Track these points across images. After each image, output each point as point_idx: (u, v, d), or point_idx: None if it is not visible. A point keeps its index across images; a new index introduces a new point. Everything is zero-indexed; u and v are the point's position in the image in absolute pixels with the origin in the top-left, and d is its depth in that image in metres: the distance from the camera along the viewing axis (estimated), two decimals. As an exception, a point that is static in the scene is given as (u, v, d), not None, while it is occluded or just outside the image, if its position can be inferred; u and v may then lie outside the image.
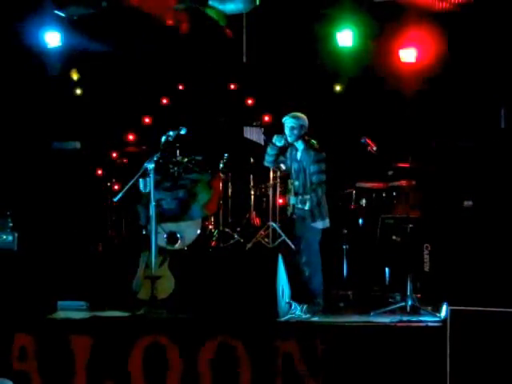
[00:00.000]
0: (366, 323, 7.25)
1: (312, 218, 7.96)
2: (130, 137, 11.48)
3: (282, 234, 9.54)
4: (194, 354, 6.91)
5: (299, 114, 8.06)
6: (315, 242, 7.99)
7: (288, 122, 8.03)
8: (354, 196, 8.95)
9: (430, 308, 7.69)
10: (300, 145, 8.05)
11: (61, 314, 7.73)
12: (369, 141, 8.53)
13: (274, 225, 9.72)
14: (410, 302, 7.72)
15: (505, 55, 9.64)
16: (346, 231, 8.92)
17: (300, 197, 7.98)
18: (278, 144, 8.08)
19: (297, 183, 8.07)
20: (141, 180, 7.89)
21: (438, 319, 7.25)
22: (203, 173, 9.53)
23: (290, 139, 8.02)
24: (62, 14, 10.35)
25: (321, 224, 7.97)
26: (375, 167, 9.01)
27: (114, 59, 10.96)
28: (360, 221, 9.03)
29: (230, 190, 10.20)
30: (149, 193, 7.78)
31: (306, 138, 8.03)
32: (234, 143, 10.64)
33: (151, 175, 7.72)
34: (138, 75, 11.14)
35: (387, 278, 8.63)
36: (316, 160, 7.94)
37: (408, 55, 10.04)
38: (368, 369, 6.79)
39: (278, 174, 9.87)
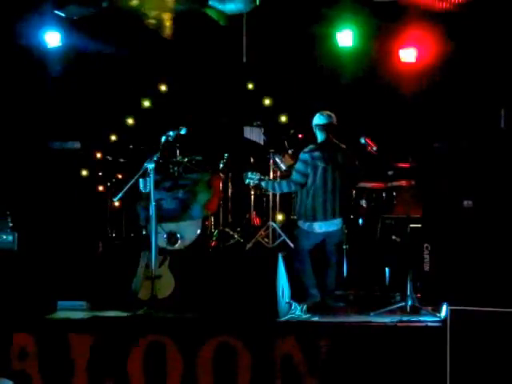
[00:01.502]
0: (365, 323, 7.23)
1: (296, 214, 8.29)
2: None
3: (282, 234, 9.54)
4: (193, 354, 6.90)
5: (316, 115, 8.27)
6: (297, 240, 8.27)
7: None
8: (353, 196, 8.94)
9: (430, 308, 7.68)
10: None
11: (61, 314, 7.71)
12: (369, 141, 8.52)
13: (274, 225, 9.72)
14: (409, 302, 7.71)
15: (505, 55, 9.63)
16: (346, 231, 8.91)
17: None
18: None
19: None
20: (141, 180, 7.87)
21: (438, 319, 7.23)
22: (203, 173, 9.53)
23: None
24: (62, 14, 10.35)
25: (301, 224, 8.16)
26: (375, 167, 9.00)
27: (115, 59, 10.96)
28: (360, 221, 9.02)
29: (230, 190, 10.20)
30: (149, 193, 7.77)
31: (331, 136, 8.23)
32: (234, 143, 10.63)
33: (151, 175, 7.72)
34: (138, 75, 11.13)
35: (387, 278, 8.62)
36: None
37: (408, 55, 10.04)
38: (368, 369, 6.78)
39: (278, 173, 9.86)
